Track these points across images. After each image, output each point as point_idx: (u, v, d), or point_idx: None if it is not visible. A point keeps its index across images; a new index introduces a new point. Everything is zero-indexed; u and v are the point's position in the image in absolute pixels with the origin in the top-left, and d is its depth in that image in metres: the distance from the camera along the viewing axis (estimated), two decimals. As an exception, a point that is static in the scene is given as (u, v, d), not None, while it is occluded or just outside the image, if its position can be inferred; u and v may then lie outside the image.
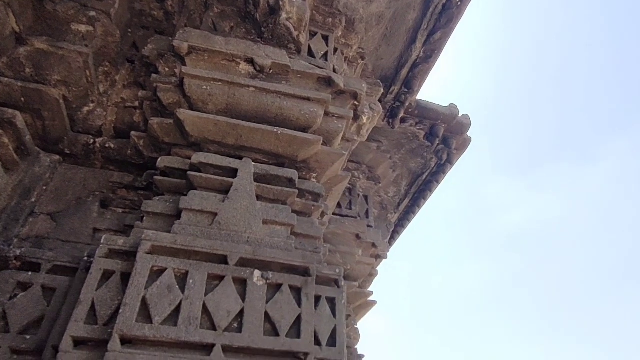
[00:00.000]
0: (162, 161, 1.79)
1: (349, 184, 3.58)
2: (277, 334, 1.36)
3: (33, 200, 1.74)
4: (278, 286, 1.47)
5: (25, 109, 1.76)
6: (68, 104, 1.92)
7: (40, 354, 1.34)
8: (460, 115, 3.54)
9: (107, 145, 1.96)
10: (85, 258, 1.51)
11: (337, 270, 1.64)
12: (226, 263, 1.46)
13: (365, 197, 3.62)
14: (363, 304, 3.42)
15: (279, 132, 1.87)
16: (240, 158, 1.86)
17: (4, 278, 1.48)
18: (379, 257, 3.48)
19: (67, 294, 1.44)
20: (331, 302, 1.55)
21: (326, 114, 2.04)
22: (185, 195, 1.69)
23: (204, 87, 1.88)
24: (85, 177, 1.90)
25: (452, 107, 3.53)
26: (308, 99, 1.99)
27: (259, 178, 1.82)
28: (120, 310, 1.26)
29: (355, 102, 2.22)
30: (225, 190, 1.73)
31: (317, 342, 1.43)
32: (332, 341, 1.46)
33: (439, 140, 3.60)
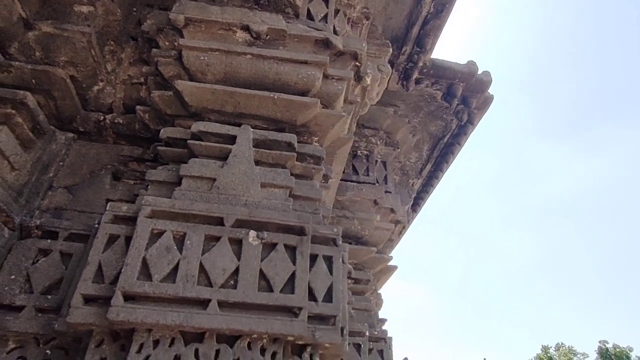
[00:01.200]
0: (165, 132, 1.86)
1: (365, 150, 3.55)
2: (271, 290, 1.41)
3: (51, 175, 1.87)
4: (273, 245, 1.51)
5: (36, 91, 1.86)
6: (78, 84, 2.02)
7: (60, 311, 1.46)
8: (479, 72, 3.37)
9: (116, 121, 2.05)
10: (96, 225, 1.61)
11: (335, 230, 1.65)
12: (222, 224, 1.51)
13: (384, 163, 3.58)
14: (383, 269, 3.43)
15: (276, 96, 1.87)
16: (240, 125, 1.89)
17: (27, 245, 1.62)
18: (398, 223, 3.47)
19: (82, 259, 1.56)
20: (328, 260, 1.58)
21: (325, 76, 2.02)
22: (187, 163, 1.75)
23: (202, 57, 1.91)
24: (98, 152, 2.01)
25: (471, 64, 3.37)
26: (305, 63, 1.97)
27: (258, 144, 1.85)
28: (122, 270, 1.35)
29: (357, 63, 2.18)
30: (224, 157, 1.77)
31: (313, 298, 1.47)
32: (329, 297, 1.49)
33: (458, 100, 3.47)
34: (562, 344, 29.75)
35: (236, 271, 1.42)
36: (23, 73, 1.84)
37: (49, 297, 1.52)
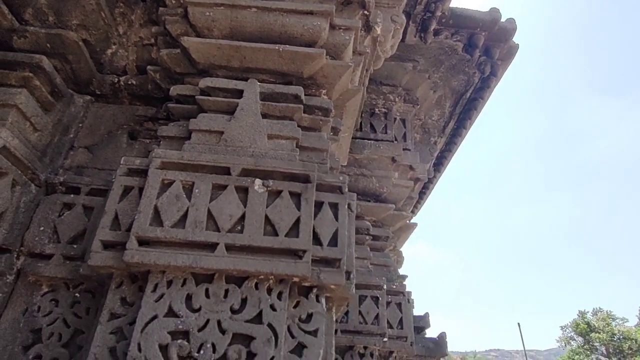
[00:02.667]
0: (174, 90, 1.90)
1: (384, 108, 3.49)
2: (276, 234, 1.46)
3: (72, 136, 1.96)
4: (278, 192, 1.55)
5: (52, 55, 1.93)
6: (91, 47, 2.07)
7: (84, 258, 1.57)
8: (502, 20, 3.19)
9: (130, 83, 2.11)
10: (114, 180, 1.69)
11: (341, 178, 1.67)
12: (229, 174, 1.56)
13: (403, 121, 3.52)
14: (403, 226, 3.44)
15: (281, 49, 1.86)
16: (247, 80, 1.90)
17: (53, 200, 1.73)
18: (418, 180, 3.43)
19: (101, 211, 1.65)
20: (334, 207, 1.60)
21: (332, 26, 1.98)
22: (196, 118, 1.79)
23: (207, 13, 1.90)
24: (114, 113, 2.08)
25: (493, 11, 3.19)
26: (311, 13, 1.93)
27: (265, 97, 1.86)
28: (136, 217, 1.43)
29: (365, 12, 2.11)
30: (232, 111, 1.80)
31: (319, 242, 1.51)
32: (334, 242, 1.52)
33: (480, 51, 3.32)
34: (599, 308, 29.10)
35: (242, 217, 1.47)
36: (38, 38, 1.90)
37: (75, 246, 1.64)
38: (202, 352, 1.28)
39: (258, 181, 1.55)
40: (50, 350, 1.50)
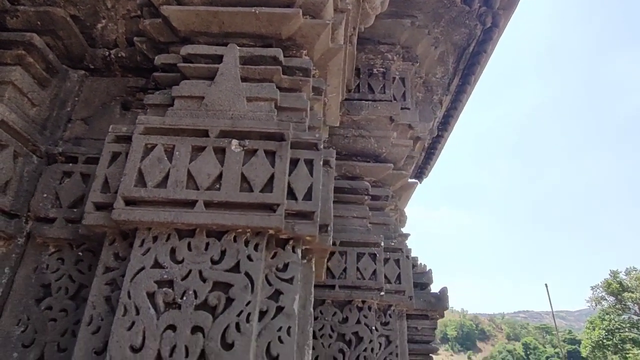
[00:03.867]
0: (159, 59, 1.96)
1: (382, 67, 3.46)
2: (251, 190, 1.54)
3: (69, 109, 2.08)
4: (254, 151, 1.62)
5: (43, 32, 2.02)
6: (81, 23, 2.15)
7: (83, 221, 1.71)
8: (501, -35, 3.06)
9: (120, 55, 2.19)
10: (106, 148, 1.80)
11: (317, 135, 1.72)
12: (207, 136, 1.64)
13: (402, 80, 3.48)
14: (404, 185, 3.47)
15: (257, 11, 1.88)
16: (227, 45, 1.94)
17: (54, 169, 1.87)
18: (418, 139, 3.43)
19: (97, 177, 1.77)
20: (309, 163, 1.66)
21: (309, -15, 1.97)
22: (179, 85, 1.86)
23: (185, -20, 1.93)
24: (107, 85, 2.18)
25: (491, -43, 3.05)
26: (286, -28, 1.92)
27: (245, 61, 1.90)
28: (122, 179, 1.54)
29: (344, -33, 2.08)
30: (212, 77, 1.85)
31: (294, 197, 1.59)
32: (309, 196, 1.59)
33: (479, 1, 3.20)
34: (633, 267, 28.44)
35: (220, 176, 1.56)
36: (29, 16, 1.99)
37: (75, 210, 1.78)
38: (184, 298, 1.40)
39: (235, 141, 1.62)
40: (59, 302, 1.67)
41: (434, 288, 4.01)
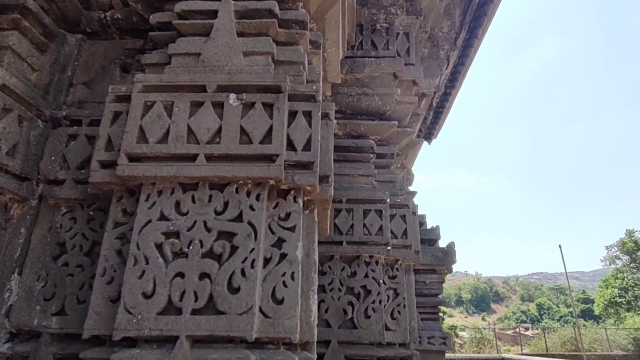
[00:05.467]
0: (154, 18, 1.95)
1: (385, 22, 3.37)
2: (251, 142, 1.56)
3: (69, 74, 2.09)
4: (252, 104, 1.62)
5: (37, -5, 2.01)
6: (75, -15, 2.13)
7: (91, 181, 1.76)
8: None
9: (115, 17, 2.17)
10: (108, 109, 1.82)
11: (315, 87, 1.71)
12: (205, 91, 1.64)
13: (406, 35, 3.39)
14: (410, 143, 3.45)
15: (249, -38, 1.83)
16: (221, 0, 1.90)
17: (59, 133, 1.91)
18: (424, 96, 3.37)
19: (101, 138, 1.81)
20: (308, 115, 1.66)
21: None
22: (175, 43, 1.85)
23: None
24: (105, 49, 2.18)
25: None
26: None
27: (240, 15, 1.87)
28: (124, 137, 1.57)
29: None
30: (208, 33, 1.84)
31: (293, 148, 1.60)
32: (308, 147, 1.61)
33: (484, -54, 3.06)
34: (649, 225, 28.11)
35: (219, 129, 1.58)
36: (22, -20, 1.98)
37: (83, 171, 1.83)
38: (191, 247, 1.45)
39: (232, 95, 1.63)
40: (75, 259, 1.74)
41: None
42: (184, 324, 1.36)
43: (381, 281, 2.69)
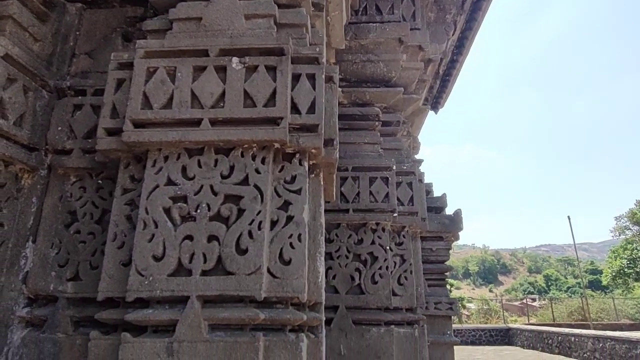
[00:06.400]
0: (153, -17, 1.91)
1: (389, -14, 3.27)
2: (255, 106, 1.55)
3: (71, 44, 2.08)
4: (255, 67, 1.61)
5: (35, -37, 1.98)
6: (72, -48, 2.09)
7: (98, 149, 1.77)
8: None
9: (114, -16, 2.14)
10: (111, 77, 1.82)
11: (318, 49, 1.68)
12: (207, 55, 1.62)
13: (412, -2, 3.29)
14: (416, 110, 3.41)
15: None
16: (221, -38, 1.86)
17: (65, 103, 1.92)
18: (430, 61, 3.31)
19: (106, 107, 1.81)
20: (311, 77, 1.65)
21: None
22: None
23: None
24: (106, 17, 2.15)
25: None
26: None
27: (240, -22, 1.83)
28: (128, 103, 1.57)
29: None
30: (209, -4, 1.80)
31: (297, 111, 1.59)
32: (312, 110, 1.60)
33: None
34: (661, 195, 27.84)
35: (223, 93, 1.57)
36: (18, -53, 1.94)
37: (89, 140, 1.84)
38: (198, 211, 1.48)
39: (235, 59, 1.61)
40: (86, 227, 1.78)
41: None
42: (194, 284, 1.39)
43: (388, 248, 2.71)
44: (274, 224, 1.50)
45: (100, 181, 1.84)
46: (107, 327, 1.54)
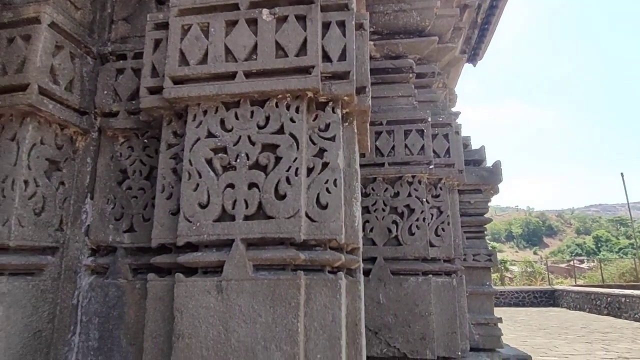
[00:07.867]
0: (181, -59, 1.93)
1: None
2: (286, 56, 1.57)
3: (109, 11, 2.16)
4: (285, 18, 1.61)
5: None
6: None
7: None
8: None
9: (145, -53, 2.17)
10: (148, 39, 1.89)
11: (347, -6, 1.66)
12: (238, 9, 1.65)
13: (446, -60, 3.11)
14: (451, 60, 3.29)
15: None
16: None
17: (108, 68, 2.02)
18: (466, 7, 3.15)
19: (146, 68, 1.89)
20: (342, 24, 1.64)
21: None
22: (204, -35, 1.84)
23: None
24: (139, -18, 2.20)
25: None
26: None
27: None
28: (166, 61, 1.64)
29: None
30: (236, -50, 1.80)
31: (328, 59, 1.60)
32: (343, 57, 1.60)
33: None
34: None
35: (255, 46, 1.60)
36: None
37: (133, 102, 1.94)
38: (238, 160, 1.55)
39: (265, 10, 1.62)
40: (136, 183, 1.91)
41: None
42: (238, 228, 1.48)
43: (424, 200, 2.72)
44: (310, 170, 1.56)
45: (145, 140, 1.96)
46: (162, 271, 1.68)
